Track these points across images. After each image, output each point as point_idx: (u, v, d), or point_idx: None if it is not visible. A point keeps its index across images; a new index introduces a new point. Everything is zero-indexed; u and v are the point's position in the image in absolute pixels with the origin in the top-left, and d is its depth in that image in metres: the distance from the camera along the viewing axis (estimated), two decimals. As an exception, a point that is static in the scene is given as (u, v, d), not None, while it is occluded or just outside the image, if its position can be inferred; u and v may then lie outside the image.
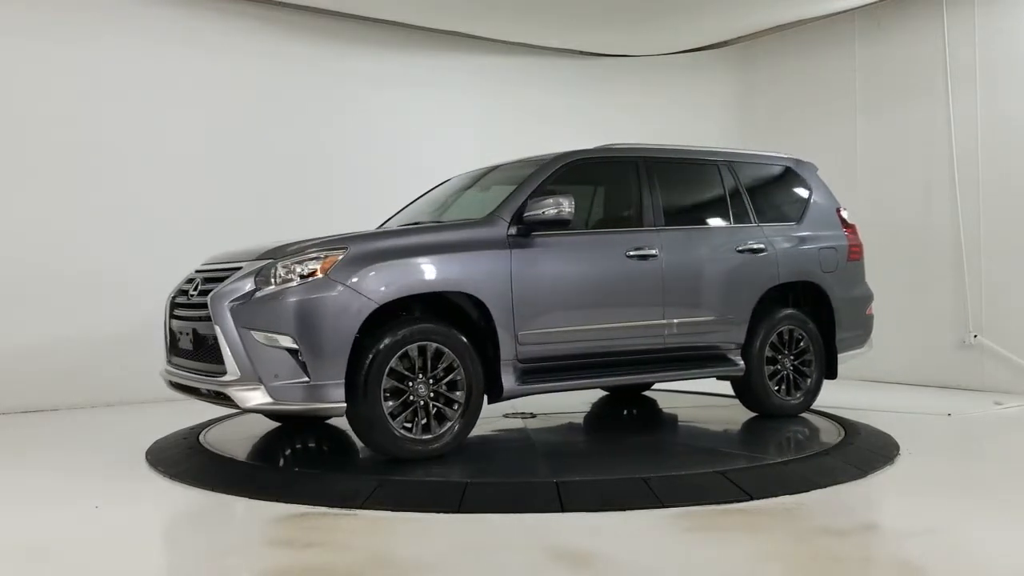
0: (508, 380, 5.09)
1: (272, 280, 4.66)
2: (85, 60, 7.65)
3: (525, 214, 5.19)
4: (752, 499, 4.20)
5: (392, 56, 9.27)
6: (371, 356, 4.65)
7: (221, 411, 6.56)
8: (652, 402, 7.26)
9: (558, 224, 5.20)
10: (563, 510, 4.05)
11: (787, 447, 5.58)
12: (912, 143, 8.59)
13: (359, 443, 5.57)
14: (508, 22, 9.25)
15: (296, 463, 5.19)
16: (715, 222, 6.18)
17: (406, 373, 4.78)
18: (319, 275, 4.64)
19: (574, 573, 3.33)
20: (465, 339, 4.94)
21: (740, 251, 6.04)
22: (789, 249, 6.26)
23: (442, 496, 4.21)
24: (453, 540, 3.70)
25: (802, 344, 6.32)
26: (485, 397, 5.08)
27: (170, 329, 5.31)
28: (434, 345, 4.84)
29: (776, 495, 4.28)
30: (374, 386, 4.65)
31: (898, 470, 4.89)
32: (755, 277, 6.09)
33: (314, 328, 4.57)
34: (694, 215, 6.16)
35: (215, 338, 4.64)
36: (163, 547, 3.67)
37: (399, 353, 4.72)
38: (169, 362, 5.33)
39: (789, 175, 6.66)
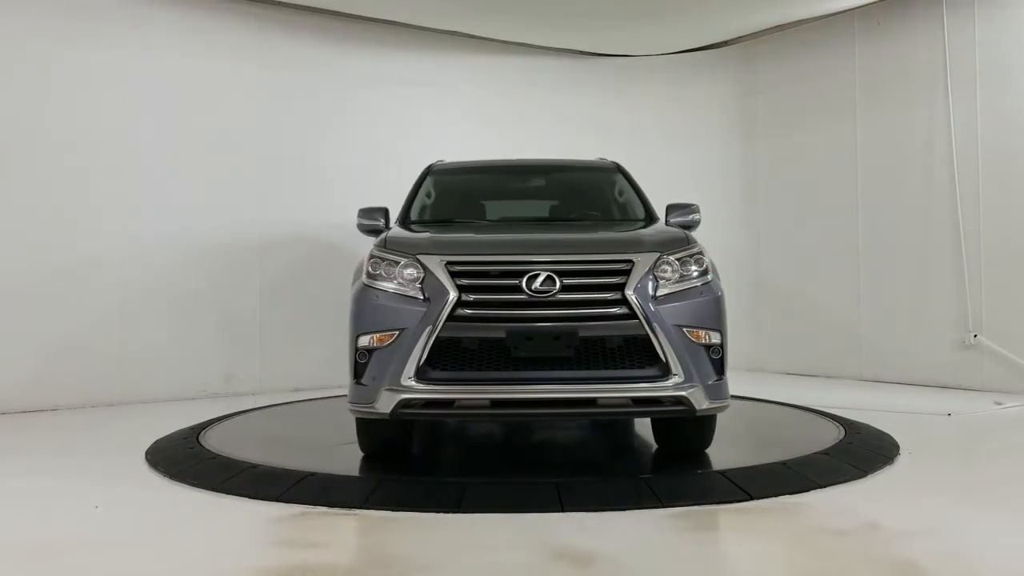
0: None
1: (662, 275, 4.55)
2: (84, 60, 7.65)
3: (672, 218, 5.49)
4: (752, 499, 4.20)
5: (392, 56, 9.27)
6: None
7: (221, 411, 6.55)
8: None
9: (689, 228, 5.50)
10: (563, 510, 4.05)
11: (787, 447, 5.57)
12: (912, 143, 8.58)
13: (357, 444, 5.56)
14: (508, 22, 9.25)
15: (296, 463, 5.18)
16: None
17: None
18: (710, 270, 4.71)
19: (574, 573, 3.32)
20: None
21: None
22: None
23: (442, 496, 4.21)
24: (453, 540, 3.70)
25: None
26: None
27: (454, 339, 4.42)
28: None
29: (776, 495, 4.28)
30: None
31: (898, 470, 4.89)
32: None
33: (725, 324, 4.65)
34: None
35: (642, 339, 4.39)
36: (163, 547, 3.67)
37: None
38: (431, 380, 4.41)
39: None
